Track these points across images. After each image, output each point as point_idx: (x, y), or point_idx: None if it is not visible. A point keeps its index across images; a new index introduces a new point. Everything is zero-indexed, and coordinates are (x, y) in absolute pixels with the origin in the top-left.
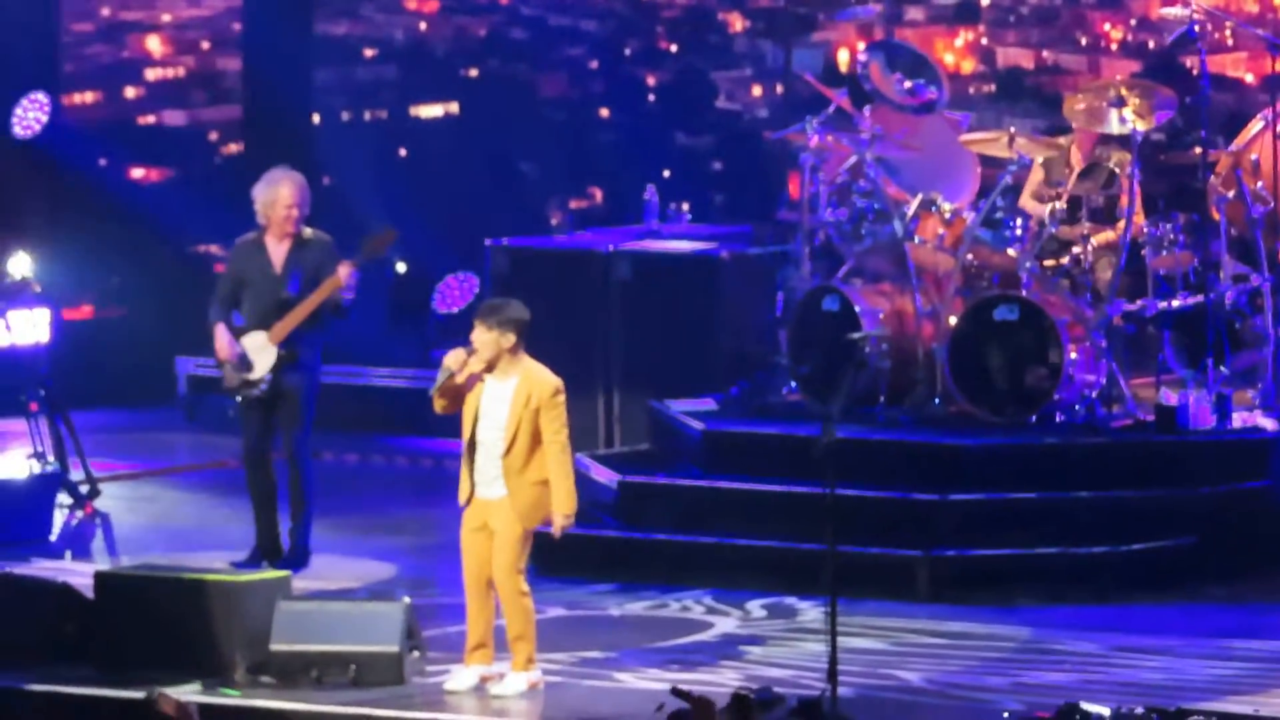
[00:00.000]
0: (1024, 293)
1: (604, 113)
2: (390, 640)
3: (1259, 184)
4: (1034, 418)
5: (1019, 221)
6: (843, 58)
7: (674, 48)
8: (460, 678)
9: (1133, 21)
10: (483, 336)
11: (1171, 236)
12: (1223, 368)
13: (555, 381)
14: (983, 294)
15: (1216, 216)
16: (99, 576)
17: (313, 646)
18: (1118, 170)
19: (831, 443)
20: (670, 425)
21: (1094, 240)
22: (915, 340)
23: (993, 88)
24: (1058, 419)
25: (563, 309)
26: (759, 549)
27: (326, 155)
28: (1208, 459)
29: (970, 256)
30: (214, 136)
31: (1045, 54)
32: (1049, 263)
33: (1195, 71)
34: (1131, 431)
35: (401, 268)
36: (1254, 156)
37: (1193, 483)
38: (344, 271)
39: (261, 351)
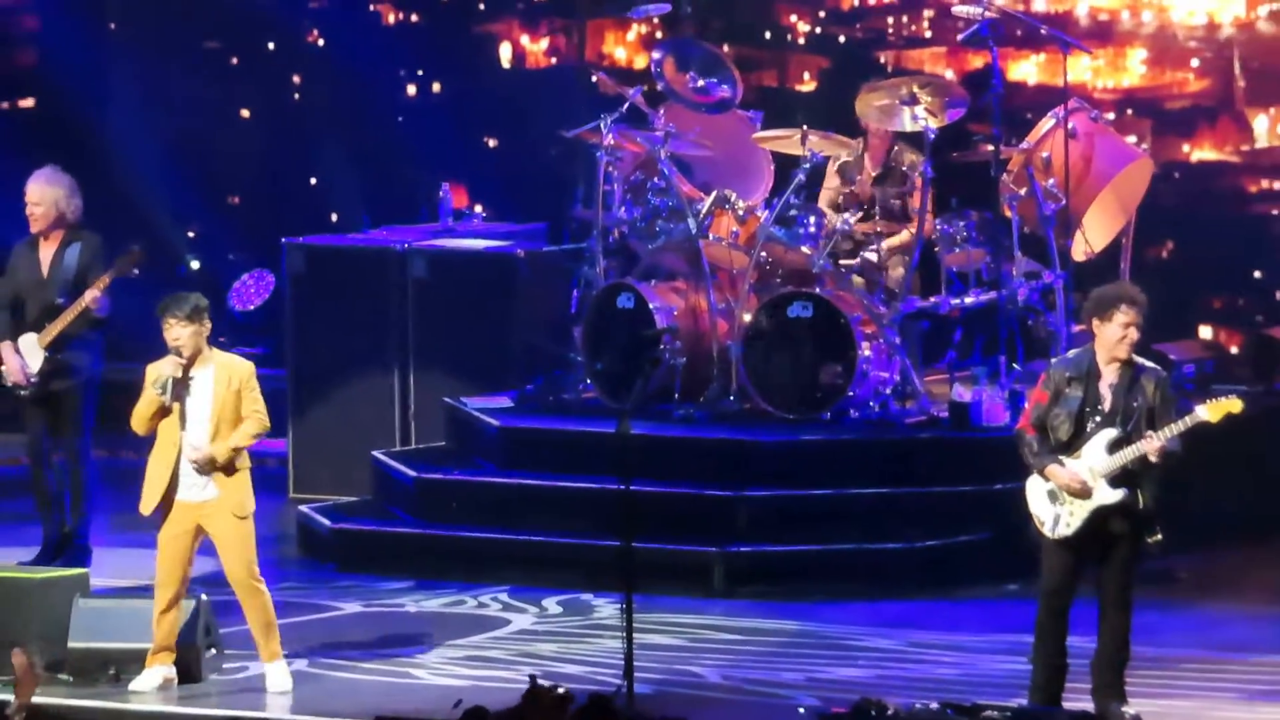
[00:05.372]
0: (817, 290)
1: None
2: (187, 637)
3: (1050, 181)
4: (828, 414)
5: (812, 219)
6: (504, 52)
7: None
8: (148, 678)
9: (821, 14)
10: (182, 331)
11: (964, 234)
12: (1015, 364)
13: (250, 364)
14: (776, 291)
15: (1009, 214)
16: None
17: (110, 644)
18: (909, 171)
19: (626, 439)
20: (466, 422)
21: (887, 238)
22: (709, 337)
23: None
24: (851, 415)
25: (359, 307)
26: (555, 545)
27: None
28: (1001, 455)
29: (764, 254)
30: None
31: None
32: (843, 261)
33: (890, 67)
34: (925, 428)
35: (195, 265)
36: (1045, 154)
37: (987, 479)
38: (90, 296)
39: (32, 352)
